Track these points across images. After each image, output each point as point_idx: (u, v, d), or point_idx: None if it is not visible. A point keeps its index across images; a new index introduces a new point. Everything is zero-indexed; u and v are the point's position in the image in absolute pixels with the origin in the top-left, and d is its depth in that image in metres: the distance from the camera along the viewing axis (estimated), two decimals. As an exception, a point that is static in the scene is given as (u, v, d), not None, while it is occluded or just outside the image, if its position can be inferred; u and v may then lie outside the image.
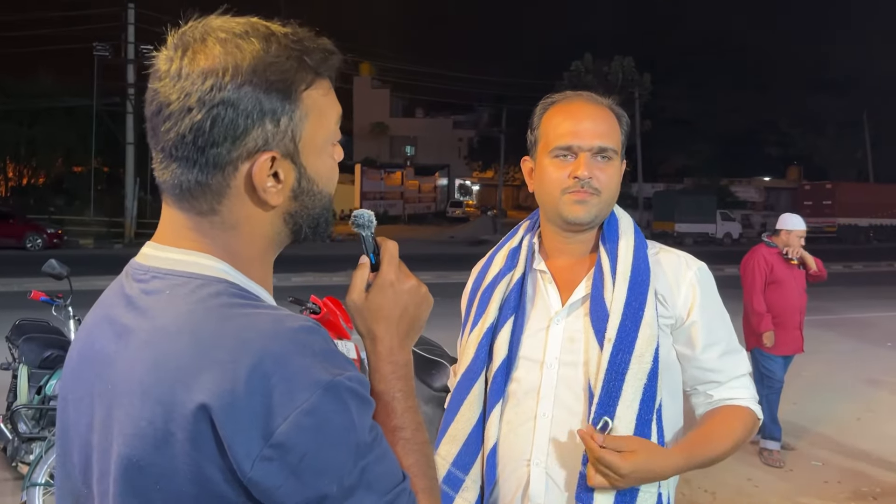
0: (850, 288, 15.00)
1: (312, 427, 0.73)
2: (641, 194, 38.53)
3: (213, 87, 0.78)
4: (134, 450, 0.76)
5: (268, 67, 0.81)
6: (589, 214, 1.45)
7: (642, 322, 1.39)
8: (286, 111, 0.82)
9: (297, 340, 0.76)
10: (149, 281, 0.84)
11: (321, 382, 0.74)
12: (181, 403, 0.73)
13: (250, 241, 0.86)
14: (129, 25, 26.09)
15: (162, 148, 0.82)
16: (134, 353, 0.79)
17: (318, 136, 0.87)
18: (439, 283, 13.44)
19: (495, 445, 1.47)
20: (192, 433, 0.73)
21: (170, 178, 0.83)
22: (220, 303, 0.79)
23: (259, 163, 0.82)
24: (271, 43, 0.82)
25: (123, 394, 0.78)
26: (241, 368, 0.73)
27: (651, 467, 1.31)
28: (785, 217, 5.39)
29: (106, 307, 0.88)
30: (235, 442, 0.72)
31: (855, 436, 5.47)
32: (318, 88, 0.86)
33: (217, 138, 0.80)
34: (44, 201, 28.77)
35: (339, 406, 0.75)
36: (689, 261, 1.51)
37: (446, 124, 59.67)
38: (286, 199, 0.86)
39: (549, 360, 1.45)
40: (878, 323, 10.47)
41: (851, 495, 4.40)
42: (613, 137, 1.47)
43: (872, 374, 7.36)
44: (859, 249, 28.27)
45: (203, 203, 0.83)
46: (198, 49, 0.80)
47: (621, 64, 39.40)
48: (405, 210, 44.81)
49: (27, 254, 20.07)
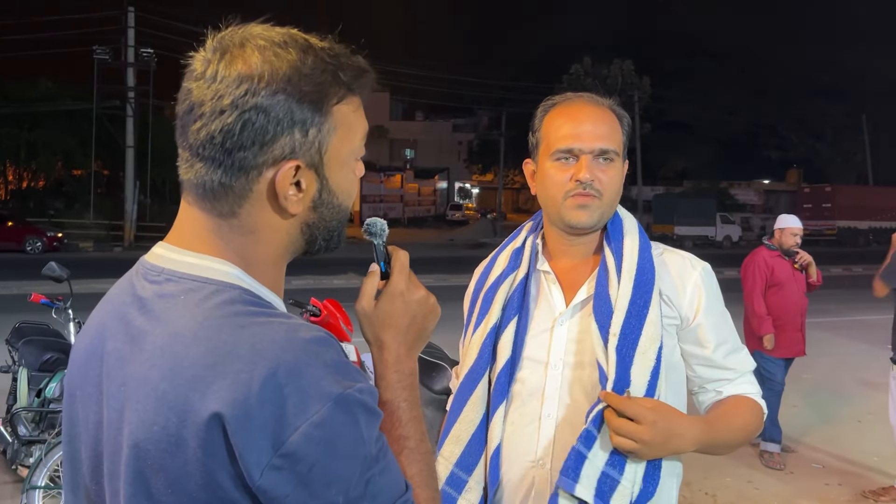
0: (849, 291, 14.99)
1: (322, 439, 0.74)
2: (641, 197, 38.56)
3: (247, 92, 0.80)
4: (146, 454, 0.76)
5: (303, 78, 0.82)
6: (591, 219, 1.45)
7: (646, 320, 1.39)
8: (316, 122, 0.84)
9: (310, 351, 0.77)
10: (162, 283, 0.84)
11: (332, 395, 0.75)
12: (195, 411, 0.74)
13: (266, 247, 0.87)
14: (129, 29, 26.08)
15: (189, 146, 0.83)
16: (149, 357, 0.80)
17: (344, 150, 0.89)
18: (439, 286, 13.44)
19: (499, 446, 1.47)
20: (204, 440, 0.74)
21: (194, 178, 0.84)
22: (234, 311, 0.80)
23: (283, 170, 0.83)
24: (308, 55, 0.83)
25: (136, 397, 0.79)
26: (255, 378, 0.74)
27: (672, 429, 1.31)
28: (779, 217, 5.46)
29: (117, 305, 0.88)
30: (246, 450, 0.73)
31: (855, 438, 5.46)
32: (349, 104, 0.88)
33: (245, 142, 0.81)
34: (44, 205, 28.74)
35: (349, 419, 0.76)
36: (693, 261, 1.51)
37: (446, 127, 59.80)
38: (306, 209, 0.87)
39: (553, 361, 1.45)
40: (878, 325, 10.44)
41: (852, 498, 4.39)
42: (614, 139, 1.46)
43: (873, 376, 7.35)
44: (859, 252, 28.26)
45: (224, 205, 0.84)
46: (236, 54, 0.82)
47: (620, 67, 39.47)
48: (405, 213, 44.84)
49: (27, 257, 20.07)
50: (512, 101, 41.50)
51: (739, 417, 1.46)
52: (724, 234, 33.08)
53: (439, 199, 51.38)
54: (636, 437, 1.28)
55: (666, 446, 1.31)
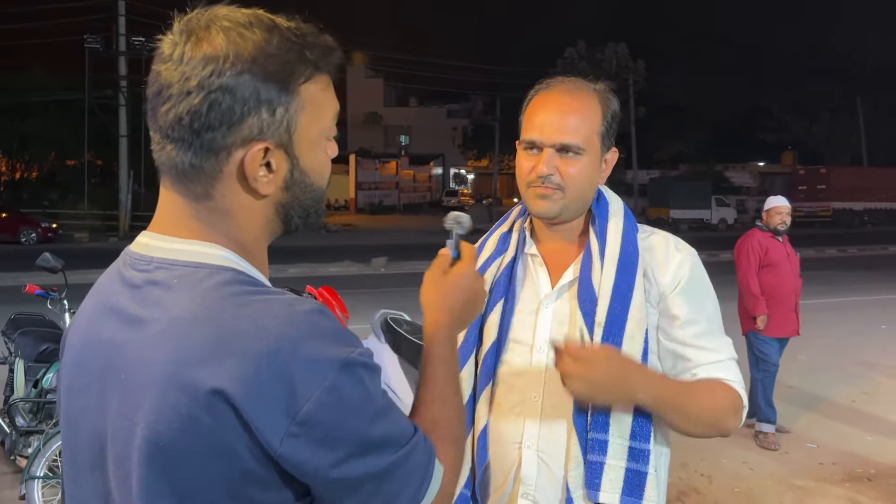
0: (844, 272, 15.07)
1: (334, 403, 0.78)
2: (636, 181, 38.53)
3: (212, 73, 0.81)
4: (159, 435, 0.78)
5: (268, 58, 0.83)
6: (551, 210, 1.43)
7: (631, 305, 1.39)
8: (283, 102, 0.85)
9: (311, 322, 0.81)
10: (153, 271, 0.86)
11: (337, 361, 0.79)
12: (205, 390, 0.76)
13: (245, 228, 0.89)
14: (121, 17, 25.86)
15: (160, 128, 0.85)
16: (151, 342, 0.81)
17: (313, 129, 0.89)
18: (435, 273, 13.47)
19: (486, 427, 1.48)
20: (217, 417, 0.76)
21: (166, 160, 0.86)
22: (232, 291, 0.82)
23: (252, 152, 0.84)
24: (273, 34, 0.84)
25: (143, 382, 0.80)
26: (262, 355, 0.76)
27: (626, 374, 1.29)
28: (767, 199, 5.58)
29: (106, 295, 0.89)
30: (262, 423, 0.76)
31: (850, 418, 5.51)
32: (317, 83, 0.89)
33: (213, 123, 0.82)
34: (37, 195, 28.59)
35: (355, 380, 0.81)
36: (678, 244, 1.49)
37: (440, 113, 59.52)
38: (278, 190, 0.88)
39: (538, 344, 1.46)
40: (872, 306, 10.52)
41: (846, 477, 4.44)
42: (581, 133, 1.41)
43: (867, 356, 7.40)
44: (854, 233, 28.38)
45: (198, 186, 0.86)
46: (201, 36, 0.83)
47: (615, 51, 39.28)
48: (400, 200, 44.73)
49: (21, 248, 20.00)
50: (506, 85, 41.34)
51: (707, 395, 1.38)
52: (720, 217, 33.10)
53: (435, 186, 51.27)
54: (587, 376, 1.26)
55: (618, 389, 1.29)
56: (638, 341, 1.38)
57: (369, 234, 27.18)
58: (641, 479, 1.37)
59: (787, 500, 4.13)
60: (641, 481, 1.37)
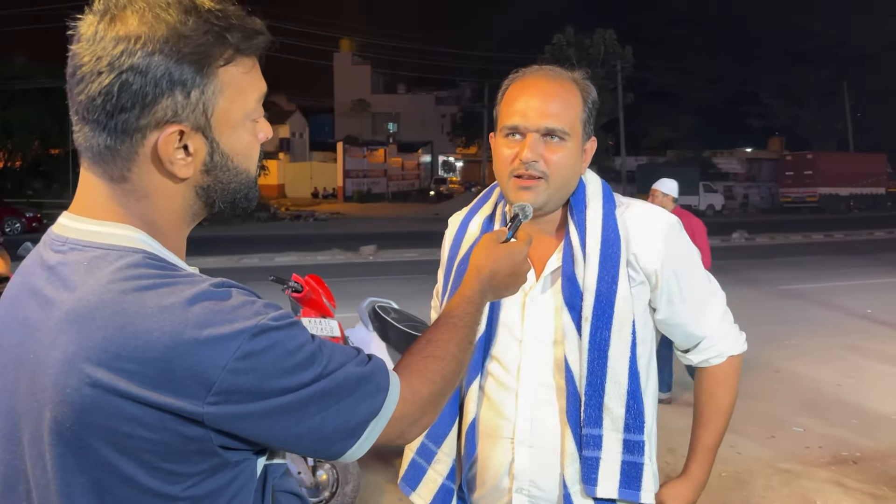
0: (831, 256, 15.18)
1: (250, 368, 0.79)
2: (625, 168, 38.60)
3: (123, 53, 0.81)
4: (65, 416, 0.78)
5: (181, 39, 0.82)
6: (536, 201, 1.38)
7: (616, 297, 1.37)
8: (198, 84, 0.84)
9: (217, 297, 0.81)
10: (67, 252, 0.85)
11: (246, 330, 0.79)
12: (107, 373, 0.76)
13: (163, 211, 0.89)
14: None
15: (76, 110, 0.84)
16: (56, 323, 0.81)
17: (234, 112, 0.89)
18: (423, 260, 13.47)
19: (474, 421, 1.47)
20: (120, 398, 0.77)
21: (83, 141, 0.85)
22: (139, 273, 0.81)
23: (165, 135, 0.84)
24: (191, 16, 0.83)
25: (48, 363, 0.80)
26: (166, 335, 0.77)
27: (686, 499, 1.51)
28: None
29: (27, 276, 0.89)
30: (178, 400, 0.77)
31: (836, 402, 5.56)
32: (238, 65, 0.88)
33: (125, 104, 0.82)
34: (21, 185, 28.34)
35: (270, 342, 0.81)
36: (656, 216, 1.45)
37: (428, 100, 59.33)
38: (197, 173, 0.88)
39: (526, 337, 1.44)
40: (858, 290, 10.60)
41: (832, 460, 4.48)
42: (566, 118, 1.38)
43: (853, 340, 7.47)
44: (840, 219, 28.56)
45: (114, 169, 0.85)
46: (116, 15, 0.83)
47: (603, 37, 39.18)
48: (389, 187, 44.64)
49: (6, 238, 19.74)
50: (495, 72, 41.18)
51: (719, 414, 1.55)
52: (708, 203, 33.26)
53: (423, 173, 51.19)
54: None
55: None
56: (626, 333, 1.38)
57: (357, 222, 27.10)
58: (638, 471, 1.37)
59: (773, 483, 4.17)
60: (638, 473, 1.37)
